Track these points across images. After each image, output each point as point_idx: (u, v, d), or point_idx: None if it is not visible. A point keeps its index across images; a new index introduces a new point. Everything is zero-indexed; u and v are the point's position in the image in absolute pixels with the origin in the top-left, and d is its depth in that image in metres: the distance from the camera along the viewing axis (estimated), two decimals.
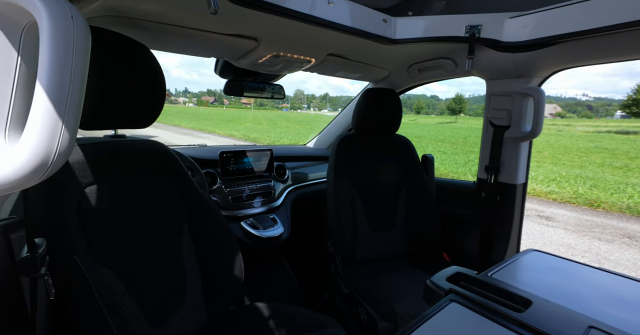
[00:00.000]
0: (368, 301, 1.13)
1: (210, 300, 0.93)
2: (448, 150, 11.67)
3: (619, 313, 0.61)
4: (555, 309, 0.60)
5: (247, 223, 1.36)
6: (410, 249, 1.46)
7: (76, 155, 0.70)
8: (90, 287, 0.58)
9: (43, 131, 0.28)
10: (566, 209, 4.77)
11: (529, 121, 1.15)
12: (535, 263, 0.83)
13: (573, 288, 0.70)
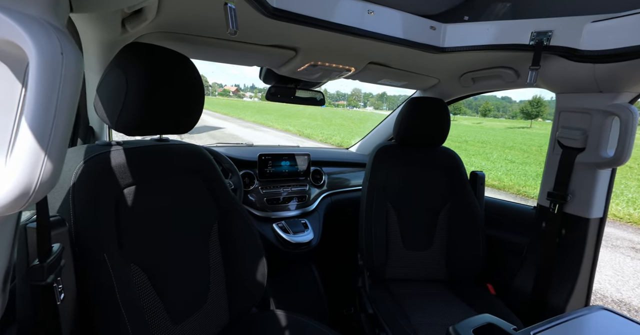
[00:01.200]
0: (391, 326, 1.05)
1: (232, 302, 0.97)
2: (517, 159, 10.40)
3: None
4: None
5: (279, 226, 1.38)
6: (449, 274, 1.33)
7: (119, 158, 0.77)
8: (114, 286, 0.64)
9: (25, 162, 0.30)
10: None
11: (612, 145, 0.94)
12: (599, 326, 0.67)
13: None
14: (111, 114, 0.71)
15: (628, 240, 3.84)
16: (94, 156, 0.72)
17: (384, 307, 1.16)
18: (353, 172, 1.86)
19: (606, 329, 0.65)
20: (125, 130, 0.73)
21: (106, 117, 0.73)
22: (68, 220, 0.64)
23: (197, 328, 0.85)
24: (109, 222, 0.70)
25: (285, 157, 1.54)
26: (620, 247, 3.61)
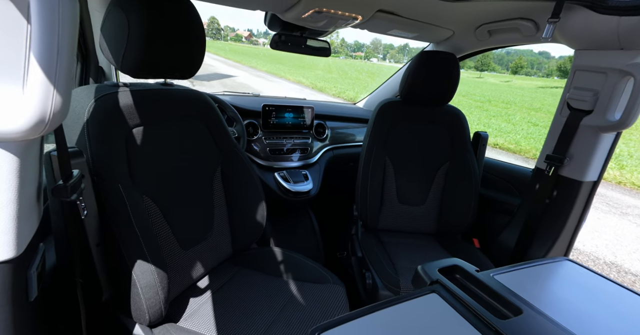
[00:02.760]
0: (377, 268, 1.18)
1: (234, 237, 1.10)
2: (541, 122, 9.91)
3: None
4: (545, 324, 0.56)
5: (280, 175, 1.47)
6: (439, 228, 1.42)
7: (127, 99, 0.83)
8: (129, 211, 0.75)
9: (38, 92, 0.36)
10: None
11: (620, 108, 0.91)
12: (561, 274, 0.74)
13: (589, 309, 0.63)
14: (115, 54, 0.76)
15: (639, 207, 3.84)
16: (102, 96, 0.78)
17: (372, 252, 1.28)
18: (357, 127, 1.87)
19: (563, 277, 0.73)
20: (130, 72, 0.78)
21: (112, 58, 0.78)
22: (85, 153, 0.73)
23: (204, 255, 0.99)
24: (120, 158, 0.78)
25: (289, 109, 1.56)
26: (629, 214, 3.63)
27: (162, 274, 0.78)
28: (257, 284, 1.00)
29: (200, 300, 0.93)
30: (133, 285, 0.73)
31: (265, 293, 0.96)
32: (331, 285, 1.01)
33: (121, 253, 0.74)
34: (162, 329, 0.81)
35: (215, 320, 0.86)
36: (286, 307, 0.91)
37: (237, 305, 0.91)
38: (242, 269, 1.07)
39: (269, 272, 1.06)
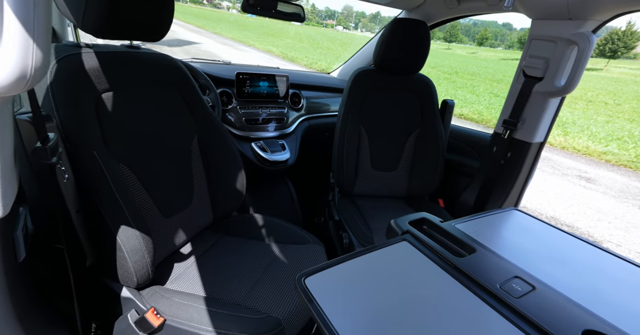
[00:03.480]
0: (352, 228, 1.27)
1: (215, 205, 1.12)
2: (502, 93, 10.41)
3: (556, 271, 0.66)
4: (494, 259, 0.67)
5: (257, 145, 1.47)
6: (409, 191, 1.53)
7: (92, 61, 0.78)
8: (108, 178, 0.74)
9: (18, 47, 0.35)
10: (617, 172, 4.38)
11: (565, 74, 1.01)
12: (510, 221, 0.87)
13: (529, 246, 0.75)
14: (76, 10, 0.70)
15: (577, 169, 4.31)
16: (65, 56, 0.73)
17: (348, 215, 1.37)
18: (332, 97, 1.88)
19: (511, 223, 0.85)
20: (93, 31, 0.73)
21: (70, 14, 0.71)
22: (54, 118, 0.69)
23: (185, 223, 1.01)
24: (92, 124, 0.76)
25: (264, 78, 1.53)
26: (569, 175, 4.07)
27: (146, 238, 0.79)
28: (240, 248, 1.04)
29: (184, 264, 0.97)
30: (118, 249, 0.75)
31: (248, 256, 1.01)
32: (311, 245, 1.08)
33: (103, 219, 0.74)
34: (150, 290, 0.84)
35: (202, 281, 0.90)
36: (269, 267, 0.96)
37: (222, 268, 0.95)
38: (223, 235, 1.11)
39: (251, 237, 1.11)
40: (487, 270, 0.63)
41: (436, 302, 0.54)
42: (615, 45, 35.91)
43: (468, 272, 0.61)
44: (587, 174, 4.20)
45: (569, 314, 0.51)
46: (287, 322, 0.79)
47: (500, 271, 0.62)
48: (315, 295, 0.53)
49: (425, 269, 0.64)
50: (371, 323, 0.49)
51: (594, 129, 6.56)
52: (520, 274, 0.61)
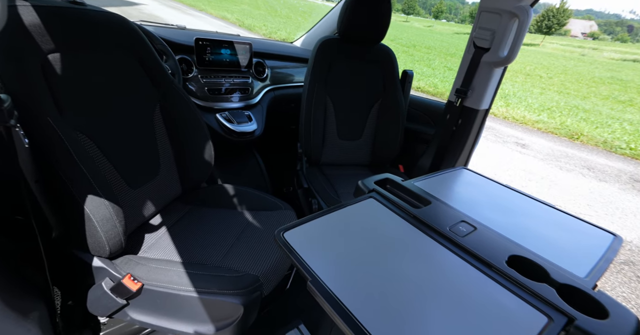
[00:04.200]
0: (321, 194, 1.34)
1: (183, 178, 1.10)
2: (455, 67, 10.88)
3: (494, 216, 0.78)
4: (446, 208, 0.77)
5: (223, 116, 1.43)
6: (372, 159, 1.61)
7: (31, 16, 0.69)
8: (68, 146, 0.69)
9: None
10: (546, 138, 4.94)
11: (507, 45, 1.10)
12: (459, 178, 0.98)
13: (474, 197, 0.87)
14: None
15: (515, 137, 4.80)
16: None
17: (317, 182, 1.42)
18: (297, 67, 1.85)
19: (461, 180, 0.96)
20: None
21: None
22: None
23: (154, 194, 0.99)
24: (41, 88, 0.69)
25: (225, 45, 1.45)
26: (508, 142, 4.53)
27: (116, 207, 0.77)
28: (212, 217, 1.05)
29: (156, 234, 0.96)
30: (87, 219, 0.72)
31: (221, 223, 1.02)
32: (283, 211, 1.12)
33: (68, 189, 0.70)
34: (123, 259, 0.84)
35: (177, 248, 0.91)
36: (244, 233, 0.99)
37: (196, 236, 0.96)
38: (194, 206, 1.11)
39: (222, 206, 1.12)
40: (440, 217, 0.73)
41: (399, 245, 0.63)
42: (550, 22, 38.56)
43: (424, 219, 0.71)
44: (522, 140, 4.69)
45: (501, 246, 0.62)
46: (264, 278, 0.84)
47: (450, 217, 0.73)
48: (294, 246, 0.58)
49: (389, 220, 0.72)
50: (344, 265, 0.56)
51: (530, 100, 7.23)
52: (466, 219, 0.72)
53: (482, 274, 0.56)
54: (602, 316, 0.47)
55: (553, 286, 0.52)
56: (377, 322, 0.45)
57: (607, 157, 4.38)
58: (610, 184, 3.48)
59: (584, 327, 0.45)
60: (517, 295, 0.51)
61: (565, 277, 0.54)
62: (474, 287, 0.53)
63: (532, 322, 0.47)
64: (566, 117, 6.08)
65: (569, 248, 0.67)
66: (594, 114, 6.63)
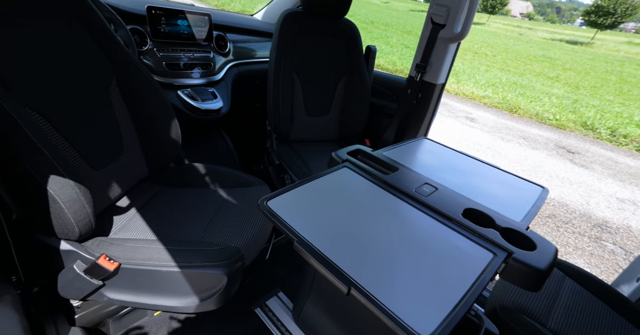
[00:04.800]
0: (293, 170, 1.36)
1: (149, 158, 1.05)
2: (411, 45, 11.12)
3: (451, 177, 0.88)
4: (411, 173, 0.85)
5: (185, 93, 1.35)
6: (340, 134, 1.66)
7: None
8: (21, 124, 0.63)
9: None
10: (491, 112, 5.39)
11: (461, 22, 1.17)
12: (421, 147, 1.07)
13: (435, 163, 0.96)
14: None
15: (465, 111, 5.17)
16: None
17: (288, 158, 1.44)
18: (259, 42, 1.77)
19: (423, 148, 1.05)
20: None
21: None
22: None
23: (119, 175, 0.94)
24: None
25: (182, 15, 1.34)
26: (459, 116, 4.86)
27: (82, 188, 0.73)
28: (184, 196, 1.03)
29: (126, 216, 0.93)
30: (52, 201, 0.68)
31: (195, 202, 1.01)
32: (257, 186, 1.13)
33: (27, 170, 0.65)
34: (94, 241, 0.81)
35: (151, 227, 0.88)
36: (220, 209, 0.99)
37: (170, 215, 0.94)
38: (163, 187, 1.07)
39: (194, 185, 1.09)
40: (406, 181, 0.80)
41: (373, 206, 0.70)
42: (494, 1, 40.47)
43: (393, 183, 0.78)
44: (471, 115, 5.07)
45: (457, 202, 0.72)
46: (245, 249, 0.87)
47: (415, 181, 0.81)
48: (278, 212, 0.62)
49: (362, 185, 0.78)
50: (325, 226, 0.61)
51: (477, 77, 7.72)
52: (428, 181, 0.81)
53: (442, 225, 0.65)
54: (532, 249, 0.59)
55: (497, 230, 0.64)
56: (359, 269, 0.51)
57: (539, 128, 4.93)
58: (540, 151, 3.96)
59: (519, 258, 0.56)
60: (471, 239, 0.62)
61: (506, 222, 0.66)
62: (437, 236, 0.62)
63: (481, 258, 0.57)
64: (507, 92, 6.63)
65: (509, 199, 0.79)
66: (529, 90, 7.32)
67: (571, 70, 11.19)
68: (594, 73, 11.22)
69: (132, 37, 1.17)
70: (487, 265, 0.56)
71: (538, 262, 0.56)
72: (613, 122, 5.30)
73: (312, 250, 0.55)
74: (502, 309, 0.77)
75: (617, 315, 0.82)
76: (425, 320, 0.44)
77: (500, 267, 0.57)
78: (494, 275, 0.56)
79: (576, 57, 15.19)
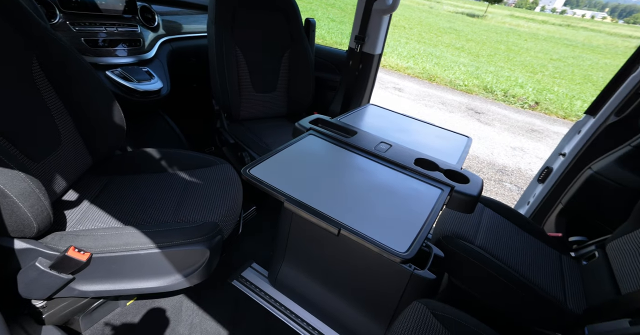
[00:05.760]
0: (251, 147, 1.36)
1: (91, 146, 0.95)
2: (337, 18, 11.16)
3: (400, 135, 1.02)
4: (368, 135, 0.95)
5: (115, 73, 1.20)
6: (289, 109, 1.68)
7: None
8: None
9: None
10: (414, 82, 5.89)
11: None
12: (371, 112, 1.18)
13: (384, 125, 1.08)
14: None
15: (393, 82, 5.56)
16: None
17: (243, 136, 1.42)
18: (192, 15, 1.62)
19: (372, 113, 1.16)
20: None
21: None
22: None
23: (61, 167, 0.85)
24: None
25: None
26: (388, 87, 5.22)
27: (35, 179, 0.66)
28: (142, 182, 0.97)
29: (79, 209, 0.85)
30: (2, 196, 0.60)
31: (156, 187, 0.96)
32: (219, 165, 1.11)
33: None
34: (53, 236, 0.74)
35: (115, 216, 0.83)
36: (186, 191, 0.96)
37: (131, 201, 0.89)
38: (114, 176, 0.99)
39: (150, 171, 1.03)
40: (365, 141, 0.91)
41: (342, 164, 0.79)
42: None
43: (355, 144, 0.88)
44: (398, 85, 5.48)
45: (409, 154, 0.86)
46: (222, 223, 0.89)
47: (372, 140, 0.92)
48: (262, 178, 0.67)
49: (329, 149, 0.86)
50: (305, 184, 0.69)
51: (400, 49, 8.25)
52: (383, 140, 0.93)
53: (400, 173, 0.79)
54: (466, 182, 0.76)
55: (441, 171, 0.80)
56: (342, 214, 0.63)
57: (453, 93, 5.61)
58: (456, 114, 4.56)
59: (459, 190, 0.74)
60: (423, 181, 0.77)
61: (447, 165, 0.83)
62: (398, 181, 0.75)
63: (433, 194, 0.72)
64: (426, 63, 7.28)
65: (445, 148, 0.97)
66: (442, 60, 8.13)
67: (472, 41, 12.68)
68: (489, 43, 12.92)
69: (36, 5, 0.98)
70: (438, 197, 0.71)
71: (472, 191, 0.73)
72: (505, 85, 6.32)
73: (301, 204, 0.62)
74: (444, 237, 0.96)
75: (519, 229, 1.10)
76: (400, 243, 0.56)
77: (447, 199, 0.73)
78: (443, 205, 0.71)
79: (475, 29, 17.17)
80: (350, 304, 1.00)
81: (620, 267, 0.84)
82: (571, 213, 1.22)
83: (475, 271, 0.90)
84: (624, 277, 0.80)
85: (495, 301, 0.91)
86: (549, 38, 18.45)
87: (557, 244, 1.09)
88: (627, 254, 0.84)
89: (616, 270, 0.85)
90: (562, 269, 0.97)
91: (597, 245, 1.03)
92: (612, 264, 0.88)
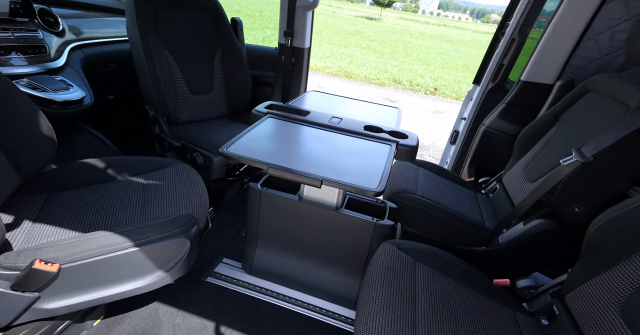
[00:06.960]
0: (202, 146, 1.32)
1: (18, 162, 0.82)
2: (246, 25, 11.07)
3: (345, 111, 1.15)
4: (319, 113, 1.06)
5: (22, 84, 1.04)
6: (229, 108, 1.66)
7: None
8: None
9: None
10: (335, 79, 6.28)
11: None
12: (315, 97, 1.29)
13: (329, 105, 1.20)
14: None
15: (315, 81, 5.85)
16: None
17: (189, 137, 1.37)
18: (98, 18, 1.47)
19: (316, 98, 1.27)
20: None
21: None
22: None
23: None
24: None
25: None
26: (312, 85, 5.47)
27: None
28: (91, 194, 0.88)
29: (21, 229, 0.74)
30: None
31: (110, 194, 0.89)
32: (174, 166, 1.06)
33: None
34: (7, 256, 0.64)
35: (70, 226, 0.75)
36: (147, 193, 0.91)
37: (86, 209, 0.81)
38: (52, 192, 0.87)
39: (96, 181, 0.93)
40: (319, 118, 1.01)
41: (304, 137, 0.89)
42: None
43: (312, 120, 0.98)
44: (320, 83, 5.78)
45: (358, 123, 1.01)
46: (197, 214, 0.88)
47: (325, 117, 1.03)
48: (241, 154, 0.73)
49: (289, 127, 0.95)
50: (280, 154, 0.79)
51: (315, 51, 8.66)
52: (334, 115, 1.04)
53: (355, 137, 0.93)
54: (406, 138, 0.94)
55: (387, 133, 0.95)
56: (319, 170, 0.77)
57: (370, 86, 6.19)
58: None
59: (402, 143, 0.92)
60: (374, 141, 0.93)
61: (389, 128, 0.99)
62: (355, 143, 0.91)
63: (384, 149, 0.88)
64: (341, 62, 7.82)
65: (384, 117, 1.14)
66: (354, 58, 8.84)
67: (375, 41, 14.06)
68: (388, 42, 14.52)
69: None
70: (389, 151, 0.85)
71: (412, 142, 0.91)
72: (409, 76, 7.24)
73: (284, 168, 0.71)
74: (393, 193, 1.13)
75: (445, 179, 1.34)
76: (370, 183, 0.69)
77: (395, 152, 0.88)
78: (393, 157, 0.86)
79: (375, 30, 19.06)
80: (327, 269, 1.08)
81: (512, 189, 1.13)
82: (477, 161, 1.54)
83: (421, 214, 1.08)
84: (514, 194, 1.09)
85: (438, 234, 1.11)
86: (433, 36, 21.66)
87: (472, 185, 1.37)
88: (514, 179, 1.14)
89: (510, 191, 1.14)
90: (478, 202, 1.24)
91: (497, 181, 1.33)
92: (507, 190, 1.17)
